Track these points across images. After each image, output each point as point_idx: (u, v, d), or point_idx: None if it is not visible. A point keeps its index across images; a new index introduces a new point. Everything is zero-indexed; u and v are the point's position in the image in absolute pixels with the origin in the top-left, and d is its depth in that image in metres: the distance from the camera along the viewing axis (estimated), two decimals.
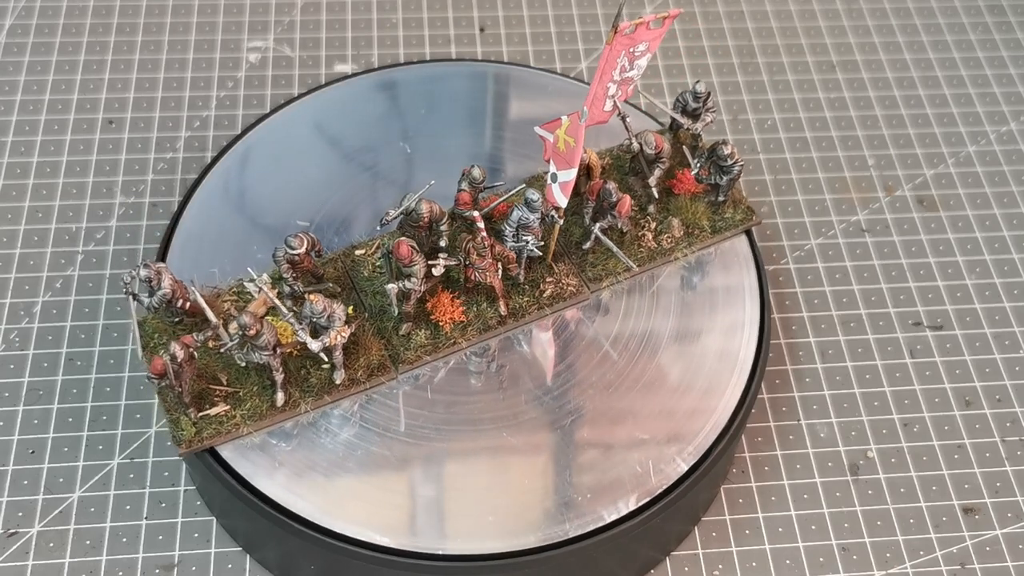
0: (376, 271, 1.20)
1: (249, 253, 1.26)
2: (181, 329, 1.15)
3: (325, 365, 1.14)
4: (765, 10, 1.79)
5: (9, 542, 1.22)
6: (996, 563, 1.25)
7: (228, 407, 1.11)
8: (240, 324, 1.05)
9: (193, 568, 1.20)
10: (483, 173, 1.21)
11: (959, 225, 1.53)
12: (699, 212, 1.27)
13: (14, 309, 1.39)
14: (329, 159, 1.36)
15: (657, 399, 1.18)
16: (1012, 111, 1.67)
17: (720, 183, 1.25)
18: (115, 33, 1.69)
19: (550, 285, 1.21)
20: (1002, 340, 1.42)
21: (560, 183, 1.14)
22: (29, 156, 1.54)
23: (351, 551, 1.08)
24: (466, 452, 1.13)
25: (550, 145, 1.14)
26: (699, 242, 1.27)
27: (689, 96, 1.29)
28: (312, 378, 1.13)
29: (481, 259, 1.14)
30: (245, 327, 1.05)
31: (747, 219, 1.29)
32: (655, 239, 1.26)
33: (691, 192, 1.28)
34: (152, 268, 1.11)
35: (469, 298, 1.18)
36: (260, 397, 1.12)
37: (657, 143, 1.23)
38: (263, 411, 1.11)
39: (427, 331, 1.16)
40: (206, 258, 1.26)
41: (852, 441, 1.33)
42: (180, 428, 1.09)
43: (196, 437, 1.10)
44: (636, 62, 1.13)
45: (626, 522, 1.11)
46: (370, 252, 1.22)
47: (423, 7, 1.75)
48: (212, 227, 1.29)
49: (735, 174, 1.23)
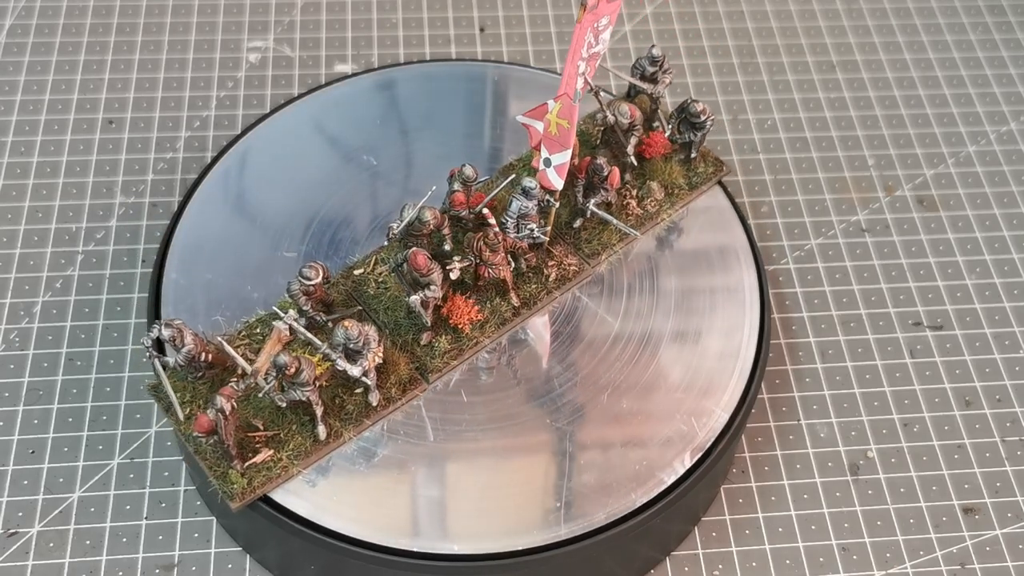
0: (381, 287, 1.19)
1: (249, 253, 1.27)
2: (203, 384, 1.11)
3: (359, 390, 1.12)
4: (765, 10, 1.79)
5: (9, 542, 1.22)
6: (996, 563, 1.25)
7: (272, 451, 1.08)
8: (277, 365, 1.03)
9: (193, 568, 1.21)
10: (475, 171, 1.20)
11: (959, 225, 1.53)
12: (674, 172, 1.31)
13: (14, 309, 1.39)
14: (329, 159, 1.36)
15: (657, 399, 1.18)
16: (1012, 111, 1.67)
17: (693, 140, 1.29)
18: (115, 33, 1.69)
19: (553, 268, 1.22)
20: (1002, 340, 1.43)
21: (555, 166, 1.16)
22: (29, 156, 1.54)
23: (351, 551, 1.08)
24: (466, 452, 1.13)
25: (535, 132, 1.16)
26: (680, 200, 1.30)
27: (646, 61, 1.31)
28: (348, 405, 1.12)
29: (494, 255, 1.15)
30: (284, 367, 1.03)
31: (718, 170, 1.33)
32: (639, 205, 1.28)
33: (661, 154, 1.31)
34: (173, 327, 1.08)
35: (480, 296, 1.19)
36: (301, 434, 1.09)
37: (631, 112, 1.25)
38: (308, 448, 1.09)
39: (447, 336, 1.16)
40: (206, 258, 1.26)
41: (852, 441, 1.33)
42: (230, 482, 1.06)
43: (248, 488, 1.07)
44: (600, 36, 1.16)
45: (626, 522, 1.11)
46: (369, 270, 1.20)
47: (423, 7, 1.75)
48: (212, 227, 1.29)
49: (707, 129, 1.28)
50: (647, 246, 1.29)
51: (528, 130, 1.18)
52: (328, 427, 1.10)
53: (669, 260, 1.29)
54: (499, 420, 1.15)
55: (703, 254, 1.30)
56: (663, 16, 1.76)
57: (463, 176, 1.20)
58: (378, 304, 1.18)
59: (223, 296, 1.23)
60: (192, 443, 1.08)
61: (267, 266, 1.26)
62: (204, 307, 1.22)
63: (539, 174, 1.18)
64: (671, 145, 1.31)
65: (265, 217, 1.30)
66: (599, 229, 1.25)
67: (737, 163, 1.58)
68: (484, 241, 1.14)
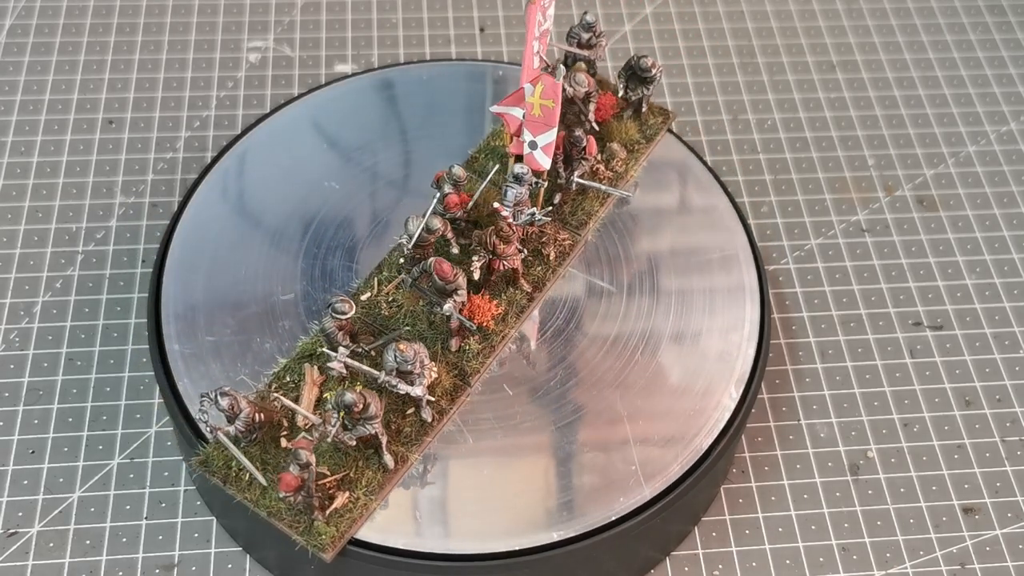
0: (393, 306, 1.18)
1: (249, 253, 1.26)
2: (254, 447, 1.08)
3: (410, 411, 1.11)
4: (765, 10, 1.79)
5: (9, 542, 1.22)
6: (996, 563, 1.25)
7: (347, 492, 1.07)
8: (345, 404, 1.01)
9: (193, 568, 1.20)
10: (465, 172, 1.19)
11: (959, 225, 1.53)
12: (629, 129, 1.34)
13: (14, 309, 1.39)
14: (329, 159, 1.36)
15: (657, 399, 1.18)
16: (1012, 111, 1.67)
17: (645, 94, 1.33)
18: (115, 33, 1.69)
19: (550, 247, 1.22)
20: (1002, 340, 1.42)
21: (542, 147, 1.19)
22: (29, 156, 1.54)
23: (352, 551, 1.08)
24: (466, 452, 1.13)
25: (513, 119, 1.19)
26: (641, 154, 1.33)
27: (580, 29, 1.34)
28: (404, 427, 1.11)
29: (508, 246, 1.15)
30: (351, 405, 1.01)
31: (666, 118, 1.37)
32: (608, 168, 1.30)
33: (612, 114, 1.34)
34: (231, 395, 1.05)
35: (493, 290, 1.19)
36: (369, 468, 1.08)
37: (588, 81, 1.28)
38: (379, 480, 1.08)
39: (474, 336, 1.16)
40: (206, 258, 1.26)
41: (852, 441, 1.33)
42: (318, 534, 1.04)
43: (337, 535, 1.05)
44: (547, 12, 1.20)
45: (626, 522, 1.11)
46: (375, 292, 1.19)
47: (423, 7, 1.75)
48: (212, 227, 1.29)
49: (656, 82, 1.32)
50: (647, 246, 1.29)
51: (504, 119, 1.20)
52: (393, 454, 1.08)
53: (669, 260, 1.29)
54: (499, 420, 1.15)
55: (703, 254, 1.30)
56: (663, 16, 1.76)
57: (454, 177, 1.18)
58: (397, 323, 1.17)
59: (223, 296, 1.23)
60: (265, 507, 1.05)
61: (267, 267, 1.26)
62: (204, 307, 1.22)
63: (526, 157, 1.20)
64: (617, 104, 1.35)
65: (265, 217, 1.30)
66: (579, 200, 1.27)
67: (737, 163, 1.58)
68: (497, 235, 1.15)
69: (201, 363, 1.18)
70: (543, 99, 1.16)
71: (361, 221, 1.29)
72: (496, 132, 1.33)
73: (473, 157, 1.32)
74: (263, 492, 1.05)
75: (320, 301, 1.22)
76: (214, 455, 1.08)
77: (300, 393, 1.11)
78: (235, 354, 1.19)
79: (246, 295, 1.23)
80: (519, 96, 1.18)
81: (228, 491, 1.06)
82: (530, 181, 1.17)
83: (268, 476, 1.05)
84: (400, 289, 1.18)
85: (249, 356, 1.19)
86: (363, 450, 1.08)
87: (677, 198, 1.35)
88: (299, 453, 0.99)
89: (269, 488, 1.05)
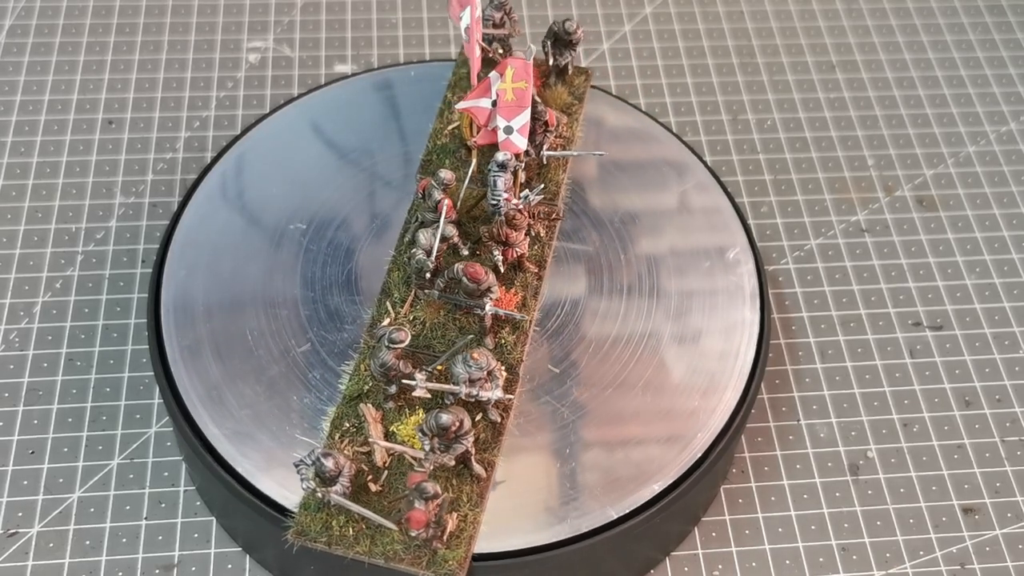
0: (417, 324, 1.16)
1: (249, 253, 1.26)
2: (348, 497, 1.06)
3: (478, 416, 1.10)
4: (765, 10, 1.79)
5: (9, 542, 1.22)
6: (996, 563, 1.25)
7: (455, 513, 1.05)
8: (441, 426, 1.00)
9: (193, 568, 1.20)
10: (450, 174, 1.17)
11: (959, 225, 1.53)
12: (560, 94, 1.36)
13: (14, 309, 1.39)
14: (328, 159, 1.36)
15: (657, 399, 1.18)
16: (1012, 111, 1.67)
17: (571, 57, 1.34)
18: (115, 33, 1.69)
19: (538, 224, 1.23)
20: (1002, 340, 1.43)
21: (518, 129, 1.20)
22: (29, 156, 1.54)
23: None
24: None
25: (480, 111, 1.20)
26: (579, 114, 1.34)
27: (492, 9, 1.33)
28: (479, 434, 1.10)
29: (519, 233, 1.16)
30: (447, 427, 1.00)
31: (588, 76, 1.39)
32: (558, 136, 1.31)
33: (540, 83, 1.36)
34: (334, 455, 1.01)
35: (505, 280, 1.19)
36: (462, 483, 1.07)
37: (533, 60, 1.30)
38: (478, 491, 1.07)
39: (505, 329, 1.16)
40: (206, 259, 1.26)
41: (852, 441, 1.33)
42: (444, 561, 1.03)
43: (463, 557, 1.04)
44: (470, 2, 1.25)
45: (626, 522, 1.11)
46: (394, 318, 1.17)
47: (423, 7, 1.75)
48: (212, 227, 1.29)
49: (579, 41, 1.33)
50: (647, 246, 1.29)
51: (471, 113, 1.21)
52: (479, 463, 1.08)
53: (669, 260, 1.29)
54: None
55: (703, 254, 1.30)
56: (663, 16, 1.76)
57: (443, 182, 1.16)
58: (428, 339, 1.15)
59: (223, 296, 1.23)
60: (381, 555, 1.03)
61: (267, 267, 1.26)
62: (204, 307, 1.22)
63: (503, 143, 1.20)
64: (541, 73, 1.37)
65: (265, 217, 1.30)
66: (542, 172, 1.28)
67: (737, 163, 1.58)
68: (510, 224, 1.15)
69: (201, 363, 1.18)
70: (515, 82, 1.18)
71: (360, 221, 1.29)
72: (438, 131, 1.32)
73: (426, 160, 1.31)
74: (372, 542, 1.04)
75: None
76: (308, 523, 1.05)
77: (368, 434, 1.09)
78: (236, 354, 1.19)
79: (246, 295, 1.23)
80: (484, 87, 1.20)
81: (335, 552, 1.04)
82: (513, 165, 1.18)
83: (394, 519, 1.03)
84: (415, 307, 1.17)
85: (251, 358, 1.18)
86: (447, 470, 1.08)
87: (677, 198, 1.35)
88: (425, 487, 0.98)
89: (401, 531, 1.03)
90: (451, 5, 1.29)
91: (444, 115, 1.33)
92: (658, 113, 1.62)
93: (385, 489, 1.06)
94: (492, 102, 1.20)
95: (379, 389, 1.11)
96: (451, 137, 1.31)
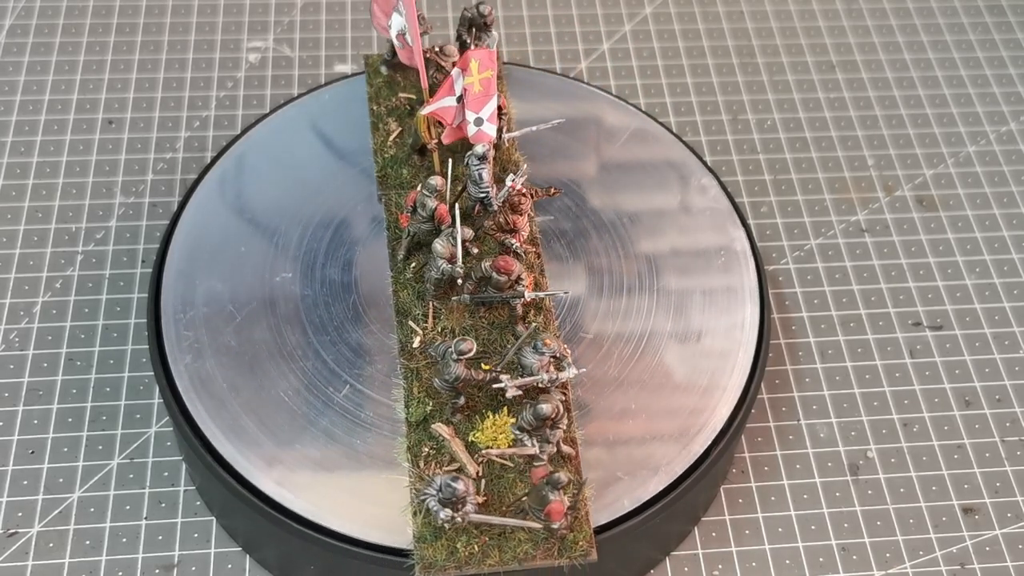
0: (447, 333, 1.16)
1: (249, 253, 1.26)
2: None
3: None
4: (765, 10, 1.79)
5: (9, 542, 1.22)
6: (996, 563, 1.25)
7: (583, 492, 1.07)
8: (543, 416, 1.02)
9: (193, 568, 1.21)
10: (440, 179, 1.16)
11: (959, 225, 1.53)
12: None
13: (14, 309, 1.39)
14: (328, 159, 1.36)
15: (657, 399, 1.18)
16: (1012, 111, 1.67)
17: (488, 38, 1.35)
18: (115, 33, 1.69)
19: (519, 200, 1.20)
20: (1002, 340, 1.43)
21: (487, 118, 1.21)
22: (29, 156, 1.54)
23: (351, 551, 1.08)
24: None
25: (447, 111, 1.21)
26: (505, 88, 1.38)
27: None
28: None
29: (522, 217, 1.17)
30: (549, 415, 1.02)
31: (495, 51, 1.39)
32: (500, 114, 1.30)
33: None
34: (461, 477, 1.00)
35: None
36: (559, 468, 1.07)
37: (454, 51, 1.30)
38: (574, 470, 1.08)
39: (533, 312, 1.17)
40: (206, 258, 1.26)
41: (852, 441, 1.33)
42: (574, 543, 1.04)
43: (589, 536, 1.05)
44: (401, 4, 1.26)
45: (626, 522, 1.11)
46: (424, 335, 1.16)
47: (423, 7, 1.75)
48: (212, 227, 1.29)
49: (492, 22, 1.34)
50: (647, 246, 1.29)
51: (439, 116, 1.22)
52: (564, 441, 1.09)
53: (669, 260, 1.29)
54: None
55: (703, 254, 1.30)
56: (663, 16, 1.76)
57: (435, 188, 1.15)
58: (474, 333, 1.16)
59: (223, 296, 1.23)
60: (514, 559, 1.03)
61: (267, 266, 1.26)
62: (204, 307, 1.22)
63: (475, 135, 1.22)
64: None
65: (265, 217, 1.30)
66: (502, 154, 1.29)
67: (737, 163, 1.58)
68: (515, 211, 1.16)
69: (201, 363, 1.18)
70: (481, 73, 1.19)
71: (360, 221, 1.29)
72: (381, 145, 1.31)
73: (381, 176, 1.30)
74: (500, 551, 1.03)
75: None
76: (433, 554, 1.04)
77: (451, 451, 1.08)
78: (235, 354, 1.19)
79: (246, 295, 1.23)
80: (447, 87, 1.21)
81: (468, 572, 1.03)
82: (490, 155, 1.19)
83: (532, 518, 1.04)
84: (438, 318, 1.16)
85: (251, 358, 1.19)
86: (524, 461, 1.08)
87: (677, 198, 1.35)
88: (558, 477, 1.00)
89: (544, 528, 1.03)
90: (374, 16, 1.29)
91: (380, 128, 1.33)
92: (658, 113, 1.62)
93: (490, 497, 1.06)
94: (458, 98, 1.21)
95: (442, 406, 1.11)
96: (397, 147, 1.31)
